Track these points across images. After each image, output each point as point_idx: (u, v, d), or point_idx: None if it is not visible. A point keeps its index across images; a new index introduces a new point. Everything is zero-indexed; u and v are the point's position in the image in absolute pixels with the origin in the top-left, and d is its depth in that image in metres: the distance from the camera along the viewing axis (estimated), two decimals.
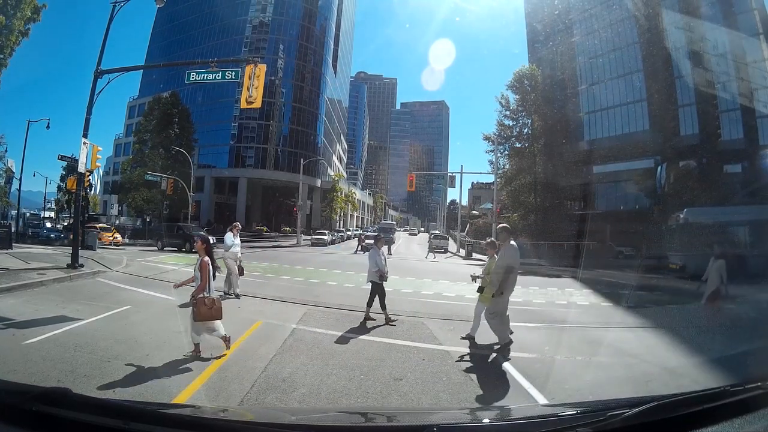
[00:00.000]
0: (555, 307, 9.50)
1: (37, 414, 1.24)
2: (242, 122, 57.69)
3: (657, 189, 26.15)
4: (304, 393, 3.77)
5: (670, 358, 5.51)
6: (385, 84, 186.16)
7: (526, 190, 30.53)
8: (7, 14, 20.51)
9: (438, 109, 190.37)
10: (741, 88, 24.70)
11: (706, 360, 5.23)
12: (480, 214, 50.48)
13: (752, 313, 8.82)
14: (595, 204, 32.21)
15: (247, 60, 12.36)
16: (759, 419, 1.43)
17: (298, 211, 38.17)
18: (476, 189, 72.03)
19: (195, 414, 1.69)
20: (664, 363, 5.21)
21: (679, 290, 12.61)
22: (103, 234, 25.91)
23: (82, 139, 11.68)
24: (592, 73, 34.64)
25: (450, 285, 12.67)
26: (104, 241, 24.60)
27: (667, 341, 6.38)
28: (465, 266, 21.77)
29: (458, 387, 4.12)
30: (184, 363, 4.41)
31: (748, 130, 24.79)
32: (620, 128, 32.16)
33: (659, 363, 5.21)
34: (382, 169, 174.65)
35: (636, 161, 29.04)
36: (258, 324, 6.45)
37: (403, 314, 7.70)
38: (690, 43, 26.02)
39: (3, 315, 5.92)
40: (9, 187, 35.20)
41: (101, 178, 65.34)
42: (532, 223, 29.95)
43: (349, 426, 1.78)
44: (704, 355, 5.47)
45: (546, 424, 1.50)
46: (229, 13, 57.73)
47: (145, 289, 9.13)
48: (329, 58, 67.60)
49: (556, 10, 34.83)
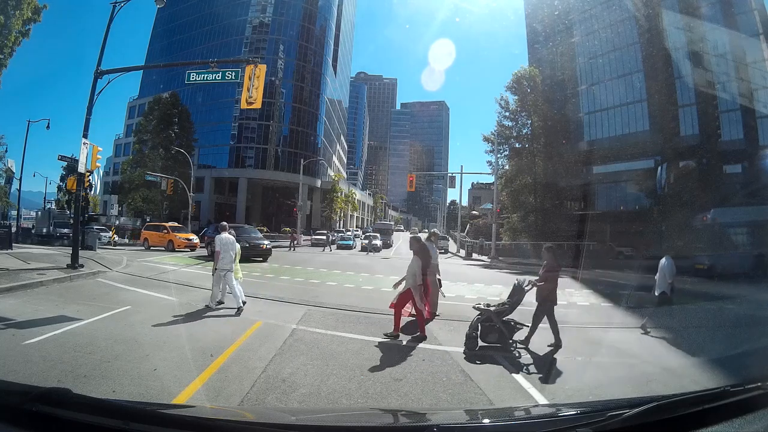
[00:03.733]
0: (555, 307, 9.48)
1: (37, 414, 1.24)
2: (242, 122, 57.75)
3: (657, 189, 26.16)
4: (304, 393, 3.76)
5: (670, 358, 5.52)
6: (385, 84, 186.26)
7: (526, 191, 30.53)
8: (7, 15, 20.53)
9: (438, 110, 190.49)
10: (741, 88, 24.71)
11: (706, 360, 5.24)
12: (480, 215, 50.51)
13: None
14: (595, 204, 32.23)
15: (247, 60, 12.37)
16: (759, 419, 1.43)
17: (298, 211, 38.18)
18: (476, 189, 72.14)
19: (195, 414, 1.69)
20: (664, 363, 5.21)
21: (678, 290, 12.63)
22: (177, 236, 22.04)
23: (82, 139, 11.68)
24: (592, 73, 34.66)
25: (450, 285, 12.66)
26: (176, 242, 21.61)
27: (667, 341, 6.38)
28: (465, 266, 21.78)
29: (458, 387, 4.12)
30: (184, 363, 4.41)
31: (748, 130, 24.80)
32: (620, 128, 32.18)
33: (659, 363, 5.21)
34: (382, 170, 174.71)
35: (636, 161, 29.06)
36: (258, 324, 6.45)
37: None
38: (690, 43, 26.03)
39: (3, 315, 5.91)
40: (9, 188, 35.21)
41: (101, 179, 65.43)
42: (532, 223, 29.96)
43: (349, 426, 1.78)
44: (704, 355, 5.48)
45: (546, 424, 1.50)
46: (229, 14, 57.82)
47: (145, 290, 9.13)
48: (329, 58, 67.66)
49: (556, 10, 34.85)
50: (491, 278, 15.83)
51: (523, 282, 5.81)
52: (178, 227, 24.71)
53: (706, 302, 10.54)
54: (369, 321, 7.03)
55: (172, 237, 21.58)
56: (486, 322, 5.53)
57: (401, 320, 6.02)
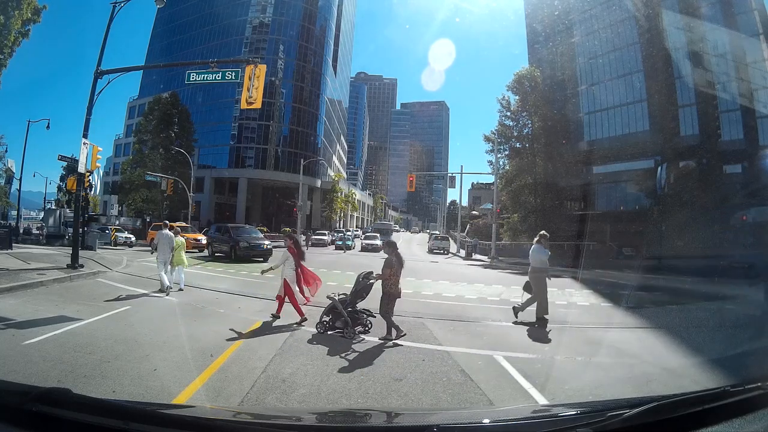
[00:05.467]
0: (555, 307, 9.45)
1: (37, 414, 1.24)
2: (242, 122, 57.74)
3: (657, 189, 26.15)
4: (304, 393, 3.76)
5: (670, 358, 5.51)
6: (385, 84, 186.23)
7: (527, 191, 30.54)
8: (7, 15, 20.54)
9: (438, 110, 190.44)
10: (741, 88, 24.70)
11: (706, 360, 5.23)
12: (480, 215, 50.51)
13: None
14: (596, 204, 32.23)
15: (247, 60, 12.38)
16: (759, 419, 1.43)
17: (298, 211, 38.19)
18: (476, 189, 72.14)
19: (195, 414, 1.69)
20: (664, 363, 5.21)
21: (678, 290, 12.65)
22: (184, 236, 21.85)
23: (82, 139, 11.69)
24: (592, 73, 34.65)
25: (450, 286, 12.68)
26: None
27: (667, 341, 6.38)
28: (465, 267, 21.79)
29: (458, 387, 4.11)
30: (184, 363, 4.41)
31: (748, 130, 24.79)
32: (620, 129, 32.18)
33: (659, 363, 5.20)
34: (382, 170, 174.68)
35: (636, 162, 29.06)
36: (258, 324, 6.46)
37: (403, 314, 7.71)
38: (690, 43, 26.03)
39: (3, 315, 5.91)
40: (9, 188, 35.22)
41: (101, 179, 65.41)
42: (533, 223, 29.94)
43: (349, 426, 1.78)
44: (704, 355, 5.47)
45: (546, 424, 1.50)
46: (229, 14, 57.81)
47: (145, 290, 9.13)
48: (329, 58, 67.65)
49: (556, 10, 34.85)
50: (491, 278, 15.84)
51: (369, 275, 6.28)
52: (185, 227, 24.63)
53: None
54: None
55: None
56: (334, 309, 5.98)
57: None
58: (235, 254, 17.53)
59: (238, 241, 17.90)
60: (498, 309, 8.90)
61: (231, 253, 17.85)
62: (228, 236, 18.72)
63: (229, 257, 17.81)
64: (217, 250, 19.09)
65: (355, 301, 6.15)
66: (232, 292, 9.48)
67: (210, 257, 18.74)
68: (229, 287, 10.15)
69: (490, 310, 8.83)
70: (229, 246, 18.25)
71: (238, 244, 17.76)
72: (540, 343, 6.16)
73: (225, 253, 18.43)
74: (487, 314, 8.24)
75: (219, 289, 9.79)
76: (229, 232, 19.13)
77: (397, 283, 6.00)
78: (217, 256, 18.61)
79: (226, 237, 18.80)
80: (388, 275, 5.89)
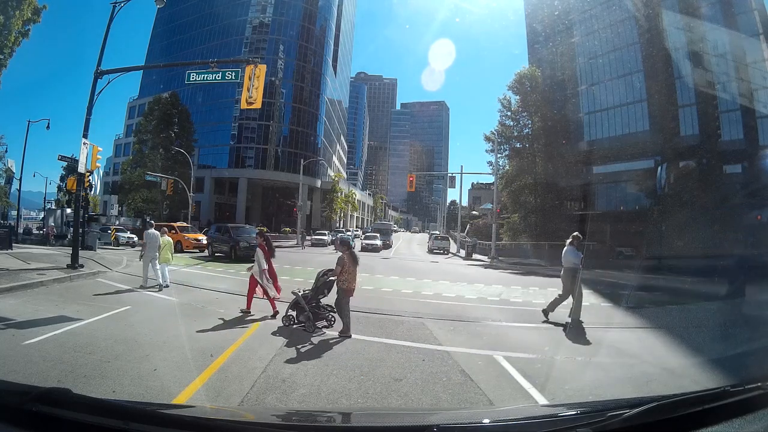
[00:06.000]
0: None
1: (37, 414, 1.24)
2: (242, 122, 57.76)
3: (657, 189, 26.15)
4: (304, 393, 3.76)
5: (670, 358, 5.51)
6: (385, 84, 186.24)
7: (527, 191, 30.53)
8: (7, 15, 20.53)
9: (438, 110, 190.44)
10: (741, 88, 24.70)
11: (706, 360, 5.23)
12: (480, 215, 50.52)
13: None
14: (596, 204, 32.23)
15: (247, 60, 12.38)
16: (759, 419, 1.43)
17: (298, 211, 38.15)
18: (476, 189, 72.17)
19: (195, 414, 1.69)
20: (664, 363, 5.21)
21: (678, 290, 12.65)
22: (185, 236, 21.60)
23: (82, 139, 11.69)
24: (592, 73, 34.65)
25: (450, 285, 12.69)
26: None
27: (667, 341, 6.38)
28: (465, 267, 21.78)
29: (458, 387, 4.11)
30: (184, 363, 4.41)
31: (748, 130, 24.78)
32: (620, 129, 32.17)
33: (659, 363, 5.20)
34: (382, 170, 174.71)
35: (636, 162, 29.06)
36: (258, 324, 6.46)
37: (404, 314, 7.72)
38: (690, 43, 26.02)
39: (3, 315, 5.91)
40: (9, 188, 35.23)
41: (101, 179, 65.40)
42: (533, 223, 29.97)
43: (349, 426, 1.78)
44: (704, 355, 5.47)
45: (546, 424, 1.50)
46: (229, 14, 57.82)
47: (145, 290, 9.14)
48: (329, 58, 67.66)
49: (556, 10, 34.86)
50: (491, 278, 15.83)
51: (329, 273, 6.41)
52: (186, 227, 24.58)
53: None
54: (368, 321, 7.01)
55: (179, 237, 21.24)
56: (298, 305, 6.23)
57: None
58: (235, 254, 17.54)
59: (238, 241, 17.91)
60: (498, 309, 8.90)
61: (231, 253, 17.87)
62: (228, 236, 18.75)
63: (229, 257, 17.83)
64: (217, 250, 19.11)
65: (317, 297, 6.36)
66: (232, 293, 9.47)
67: (210, 257, 18.75)
68: (229, 287, 10.14)
69: (490, 310, 8.83)
70: (229, 246, 18.27)
71: (238, 244, 17.77)
72: (540, 344, 6.16)
73: (225, 253, 18.45)
74: (487, 314, 8.24)
75: (219, 289, 9.80)
76: (229, 232, 19.16)
77: (352, 280, 6.15)
78: (217, 256, 18.63)
79: (226, 237, 18.83)
80: (338, 272, 6.06)
